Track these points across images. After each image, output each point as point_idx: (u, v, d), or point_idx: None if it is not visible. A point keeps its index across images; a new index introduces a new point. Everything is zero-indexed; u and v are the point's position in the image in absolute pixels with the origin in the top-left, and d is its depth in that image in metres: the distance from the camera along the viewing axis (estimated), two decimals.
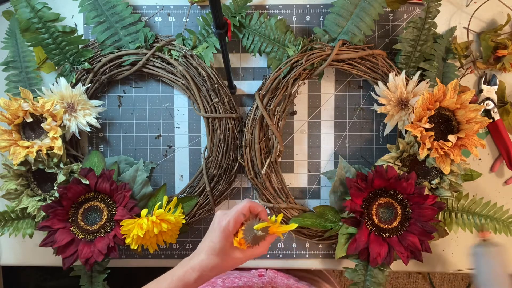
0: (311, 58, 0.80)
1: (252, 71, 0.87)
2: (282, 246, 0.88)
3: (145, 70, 0.84)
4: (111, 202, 0.80)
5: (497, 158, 0.87)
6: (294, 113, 0.87)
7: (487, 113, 0.84)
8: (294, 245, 0.88)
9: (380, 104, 0.80)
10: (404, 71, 0.79)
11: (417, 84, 0.78)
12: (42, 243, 0.77)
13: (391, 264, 0.79)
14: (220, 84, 0.82)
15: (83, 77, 0.84)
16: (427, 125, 0.74)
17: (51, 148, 0.78)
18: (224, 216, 0.64)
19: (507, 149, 0.84)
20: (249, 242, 0.62)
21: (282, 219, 0.84)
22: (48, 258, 0.88)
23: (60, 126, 0.79)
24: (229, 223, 0.62)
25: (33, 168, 0.79)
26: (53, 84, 0.80)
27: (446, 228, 0.81)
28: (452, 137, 0.74)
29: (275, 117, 0.82)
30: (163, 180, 0.88)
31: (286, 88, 0.82)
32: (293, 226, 0.63)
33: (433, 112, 0.75)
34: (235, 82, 0.85)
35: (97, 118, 0.83)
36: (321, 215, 0.82)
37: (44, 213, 0.78)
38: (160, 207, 0.79)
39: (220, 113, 0.83)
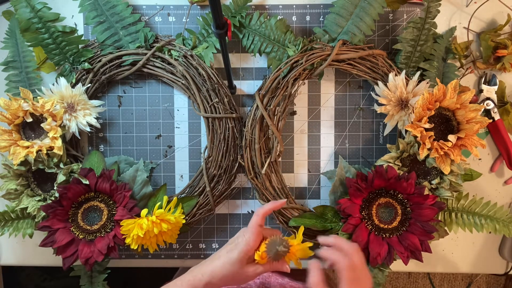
0: (311, 58, 0.80)
1: (252, 71, 0.87)
2: None
3: (145, 70, 0.84)
4: (111, 202, 0.80)
5: (497, 158, 0.87)
6: (294, 113, 0.87)
7: (487, 113, 0.84)
8: None
9: (380, 104, 0.80)
10: (404, 71, 0.79)
11: (417, 84, 0.78)
12: (42, 243, 0.77)
13: (391, 264, 0.79)
14: (220, 84, 0.82)
15: (83, 77, 0.84)
16: (427, 125, 0.74)
17: (51, 148, 0.78)
18: (247, 232, 0.64)
19: (507, 149, 0.84)
20: (270, 257, 0.63)
21: (282, 219, 0.85)
22: (48, 258, 0.88)
23: (60, 126, 0.79)
24: (252, 239, 0.63)
25: (33, 168, 0.79)
26: (53, 84, 0.80)
27: (446, 228, 0.81)
28: (452, 137, 0.74)
29: (275, 117, 0.82)
30: (163, 180, 0.88)
31: (286, 88, 0.82)
32: (308, 244, 0.64)
33: (433, 112, 0.75)
34: (235, 82, 0.85)
35: (97, 118, 0.83)
36: (321, 215, 0.82)
37: (44, 213, 0.78)
38: (160, 207, 0.79)
39: (220, 113, 0.83)
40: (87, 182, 0.77)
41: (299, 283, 0.87)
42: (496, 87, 0.84)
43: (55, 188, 0.79)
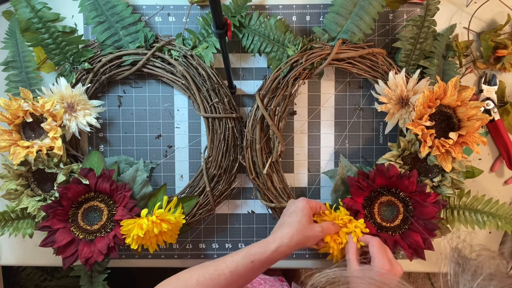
0: (311, 58, 0.80)
1: (252, 71, 0.87)
2: None
3: (145, 70, 0.84)
4: (111, 202, 0.79)
5: (497, 158, 0.87)
6: (294, 113, 0.87)
7: (487, 113, 0.84)
8: None
9: (380, 103, 0.80)
10: (404, 69, 0.79)
11: (418, 82, 0.78)
12: (42, 243, 0.77)
13: None
14: (220, 84, 0.82)
15: (83, 77, 0.83)
16: (428, 123, 0.74)
17: (51, 148, 0.78)
18: (302, 201, 0.73)
19: (507, 149, 0.84)
20: None
21: None
22: (48, 258, 0.88)
23: (60, 126, 0.79)
24: (309, 204, 0.73)
25: (33, 168, 0.78)
26: (53, 84, 0.80)
27: (448, 225, 0.81)
28: (453, 135, 0.74)
29: (276, 117, 0.82)
30: (163, 180, 0.88)
31: (286, 88, 0.81)
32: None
33: (433, 110, 0.75)
34: (235, 82, 0.85)
35: (97, 118, 0.83)
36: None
37: (44, 213, 0.78)
38: (160, 207, 0.79)
39: (220, 113, 0.82)
40: (87, 182, 0.77)
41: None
42: (496, 87, 0.84)
43: (55, 188, 0.79)
